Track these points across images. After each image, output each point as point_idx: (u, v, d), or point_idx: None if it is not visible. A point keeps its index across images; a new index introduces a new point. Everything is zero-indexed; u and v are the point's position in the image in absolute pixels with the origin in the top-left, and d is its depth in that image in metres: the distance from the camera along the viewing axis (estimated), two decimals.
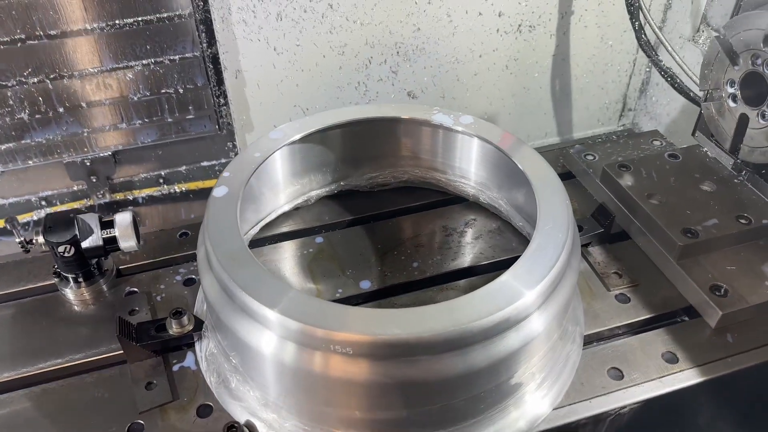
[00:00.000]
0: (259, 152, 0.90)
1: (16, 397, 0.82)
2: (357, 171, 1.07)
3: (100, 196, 1.46)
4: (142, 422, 0.78)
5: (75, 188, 1.47)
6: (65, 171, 1.43)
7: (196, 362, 0.85)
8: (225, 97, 1.47)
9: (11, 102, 1.29)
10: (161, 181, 1.54)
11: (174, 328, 0.84)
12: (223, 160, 1.61)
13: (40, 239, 0.89)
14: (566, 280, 0.77)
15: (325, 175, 1.06)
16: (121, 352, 0.86)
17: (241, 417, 0.77)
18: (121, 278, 0.98)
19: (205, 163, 1.57)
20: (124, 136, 1.43)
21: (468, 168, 1.02)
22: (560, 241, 0.76)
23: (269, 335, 0.69)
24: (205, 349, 0.85)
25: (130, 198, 1.50)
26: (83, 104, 1.35)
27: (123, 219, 0.91)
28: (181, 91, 1.40)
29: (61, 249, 0.88)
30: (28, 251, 0.91)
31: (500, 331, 0.69)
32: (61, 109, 1.34)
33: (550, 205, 0.81)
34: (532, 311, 0.72)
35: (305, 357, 0.68)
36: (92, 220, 0.90)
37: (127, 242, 0.91)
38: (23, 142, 1.35)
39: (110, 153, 1.43)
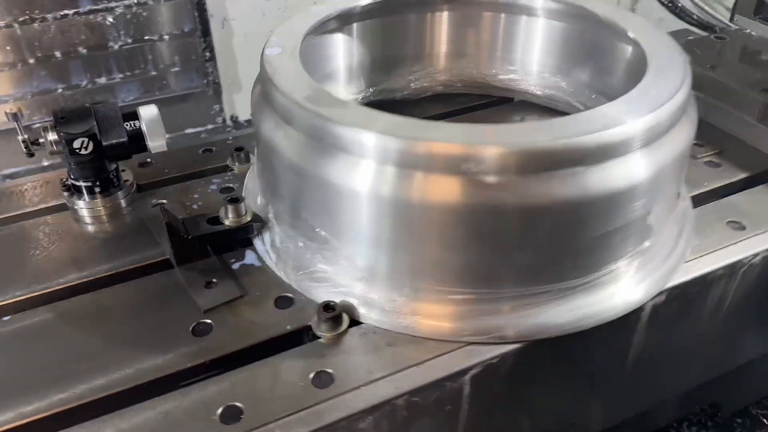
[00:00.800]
0: (304, 20, 0.79)
1: (40, 312, 0.65)
2: (393, 72, 0.97)
3: None
4: (209, 321, 0.63)
5: (45, 163, 1.29)
6: None
7: (259, 259, 0.71)
8: (211, 50, 1.35)
9: None
10: None
11: (230, 218, 0.70)
12: (210, 127, 1.47)
13: (51, 136, 0.73)
14: (686, 120, 0.68)
15: (357, 80, 0.95)
16: (159, 260, 0.71)
17: (333, 299, 0.63)
18: (142, 192, 0.82)
19: (190, 131, 1.43)
20: (102, 94, 1.27)
21: (529, 57, 0.93)
22: (678, 72, 0.68)
23: (366, 166, 0.57)
24: (269, 242, 0.71)
25: None
26: (57, 54, 1.19)
27: (149, 111, 0.77)
28: (166, 38, 1.27)
29: (77, 144, 0.73)
30: (32, 154, 0.75)
31: (611, 156, 0.59)
32: (31, 60, 1.18)
33: (659, 48, 0.73)
34: (638, 145, 0.61)
35: (405, 183, 0.56)
36: (112, 110, 0.75)
37: (156, 140, 0.76)
38: None
39: None
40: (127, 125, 0.75)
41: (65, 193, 0.78)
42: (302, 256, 0.67)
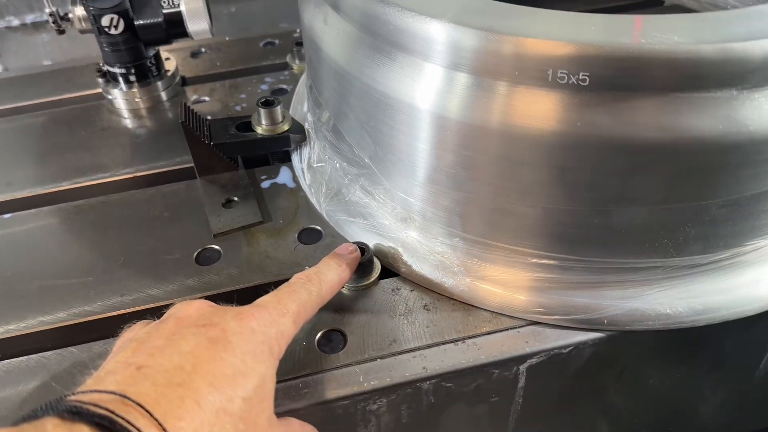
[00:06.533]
0: None
1: (44, 213, 0.56)
2: None
3: None
4: (218, 248, 0.52)
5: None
6: None
7: (294, 179, 0.58)
8: None
9: None
10: None
11: (263, 125, 0.57)
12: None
13: (78, 10, 0.63)
14: None
15: None
16: (186, 166, 0.60)
17: (366, 240, 0.49)
18: (187, 86, 0.71)
19: (284, 25, 1.30)
20: None
21: None
22: None
23: (431, 71, 0.41)
24: (307, 158, 0.58)
25: None
26: None
27: None
28: None
29: (105, 21, 0.62)
30: (62, 31, 0.66)
31: None
32: None
33: None
34: None
35: (481, 98, 0.39)
36: None
37: (198, 24, 0.64)
38: None
39: None
40: (164, 3, 0.63)
41: (100, 80, 0.69)
42: (339, 181, 0.53)
